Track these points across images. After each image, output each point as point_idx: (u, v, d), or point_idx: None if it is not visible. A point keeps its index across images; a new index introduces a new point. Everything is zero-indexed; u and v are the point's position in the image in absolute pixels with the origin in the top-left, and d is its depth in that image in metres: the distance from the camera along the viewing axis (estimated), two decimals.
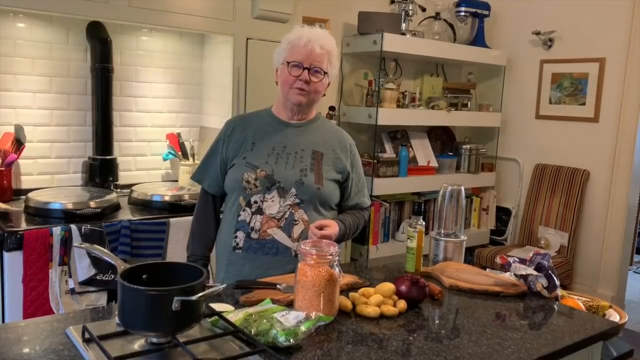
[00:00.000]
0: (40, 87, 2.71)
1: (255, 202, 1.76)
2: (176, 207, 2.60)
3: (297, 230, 1.75)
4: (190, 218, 1.96)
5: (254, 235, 1.76)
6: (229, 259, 1.80)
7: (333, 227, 1.74)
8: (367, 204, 1.98)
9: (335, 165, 1.84)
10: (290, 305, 1.42)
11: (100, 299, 2.29)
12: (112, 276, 2.26)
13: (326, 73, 1.78)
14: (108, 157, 2.82)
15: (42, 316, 1.39)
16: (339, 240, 1.82)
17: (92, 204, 2.41)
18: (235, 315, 1.29)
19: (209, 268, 2.00)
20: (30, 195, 2.46)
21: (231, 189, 1.81)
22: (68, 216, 2.33)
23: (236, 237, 1.78)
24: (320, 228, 1.71)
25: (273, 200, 1.75)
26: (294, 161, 1.78)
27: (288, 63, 1.75)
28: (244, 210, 1.77)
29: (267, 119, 1.86)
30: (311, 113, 1.87)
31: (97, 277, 2.25)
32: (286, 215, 1.75)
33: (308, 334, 1.25)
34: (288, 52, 1.76)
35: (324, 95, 1.86)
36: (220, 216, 1.92)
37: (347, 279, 1.65)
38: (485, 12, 4.15)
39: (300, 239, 1.74)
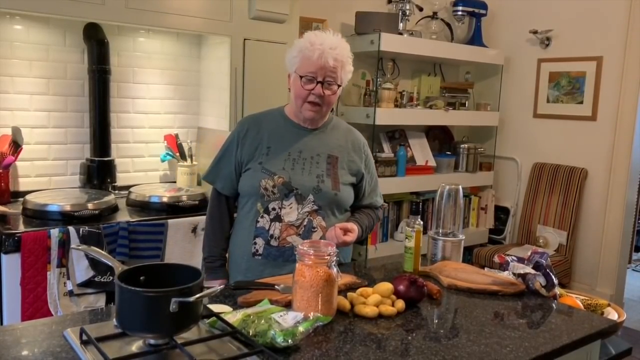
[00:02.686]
0: (37, 89, 2.70)
1: (274, 208, 1.75)
2: (174, 209, 2.60)
3: (315, 237, 1.76)
4: (189, 219, 1.96)
5: (273, 243, 1.75)
6: (247, 265, 1.79)
7: (354, 234, 1.74)
8: (380, 203, 1.98)
9: (350, 168, 1.84)
10: (288, 305, 1.42)
11: (98, 300, 2.29)
12: (110, 278, 2.26)
13: (340, 85, 1.74)
14: (106, 159, 2.82)
15: (40, 318, 1.39)
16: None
17: (90, 205, 2.41)
18: (234, 316, 1.29)
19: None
20: (28, 197, 2.45)
21: (247, 194, 1.80)
22: (66, 218, 2.33)
23: (255, 243, 1.77)
24: (344, 231, 1.71)
25: (291, 207, 1.75)
26: (310, 167, 1.77)
27: (301, 77, 1.70)
28: (262, 216, 1.76)
29: (281, 121, 1.83)
30: (324, 118, 1.85)
31: (95, 279, 2.25)
32: (305, 223, 1.75)
33: (306, 334, 1.25)
34: (300, 63, 1.70)
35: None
36: (234, 216, 1.91)
37: (345, 279, 1.64)
38: (483, 12, 4.16)
39: None
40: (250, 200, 1.79)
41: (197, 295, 1.15)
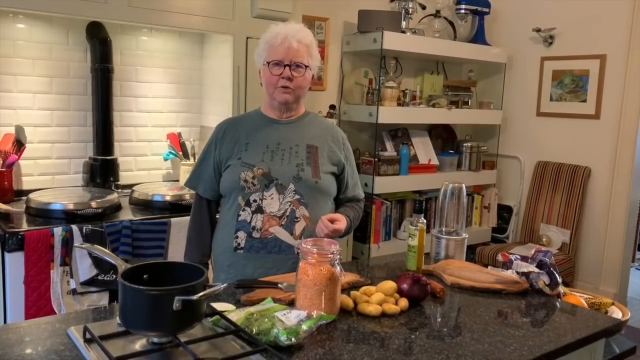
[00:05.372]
0: (40, 87, 2.71)
1: (255, 200, 1.75)
2: (177, 207, 2.60)
3: (298, 227, 1.75)
4: None
5: (255, 235, 1.75)
6: (230, 260, 1.79)
7: (342, 222, 1.75)
8: (362, 196, 2.01)
9: (331, 158, 1.84)
10: (291, 304, 1.42)
11: (101, 299, 2.29)
12: (114, 276, 2.26)
13: (307, 66, 1.78)
14: (109, 158, 2.82)
15: (44, 317, 1.39)
16: (343, 234, 1.83)
17: (93, 204, 2.41)
18: (237, 315, 1.29)
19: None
20: (31, 196, 2.46)
21: (229, 190, 1.80)
22: (69, 216, 2.33)
23: (237, 237, 1.77)
24: (331, 221, 1.72)
25: (272, 198, 1.75)
26: (290, 157, 1.78)
27: (268, 63, 1.76)
28: (243, 210, 1.76)
29: (257, 119, 1.87)
30: (300, 109, 1.88)
31: (99, 278, 2.25)
32: (287, 213, 1.75)
33: (309, 332, 1.24)
34: (267, 52, 1.77)
35: (310, 88, 1.87)
36: (217, 218, 1.91)
37: (348, 277, 1.64)
38: (486, 10, 4.15)
39: (302, 236, 1.74)
40: (231, 196, 1.80)
41: (201, 294, 1.15)
